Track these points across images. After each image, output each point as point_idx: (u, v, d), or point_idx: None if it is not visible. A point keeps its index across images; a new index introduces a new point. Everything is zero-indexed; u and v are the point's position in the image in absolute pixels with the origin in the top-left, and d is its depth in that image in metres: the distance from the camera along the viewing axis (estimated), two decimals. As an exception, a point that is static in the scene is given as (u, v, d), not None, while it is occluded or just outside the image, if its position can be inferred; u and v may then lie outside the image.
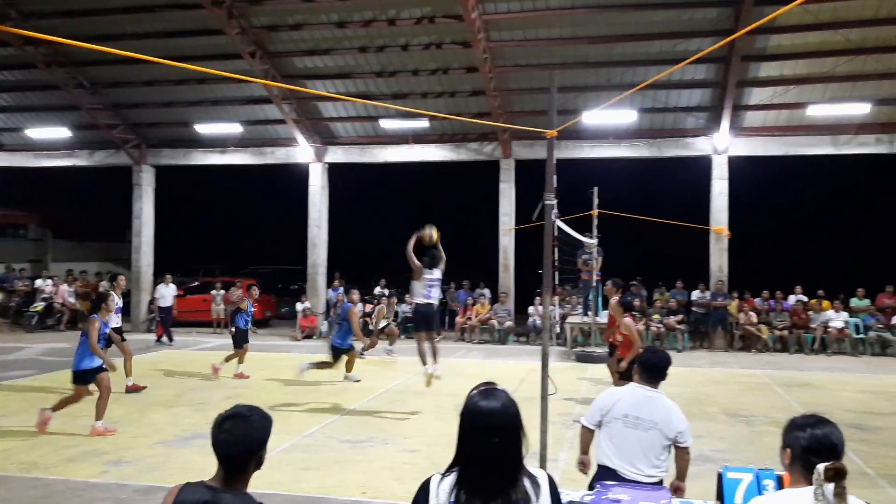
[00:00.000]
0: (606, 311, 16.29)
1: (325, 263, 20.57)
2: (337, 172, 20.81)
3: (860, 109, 16.50)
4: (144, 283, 20.59)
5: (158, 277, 19.46)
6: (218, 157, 20.82)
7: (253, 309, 13.31)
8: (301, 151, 20.03)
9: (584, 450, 4.33)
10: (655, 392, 4.15)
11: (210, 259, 30.28)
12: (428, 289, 9.16)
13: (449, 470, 2.20)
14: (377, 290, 20.39)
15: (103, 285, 20.89)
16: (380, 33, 16.66)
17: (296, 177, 21.01)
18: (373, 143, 19.95)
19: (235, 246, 35.03)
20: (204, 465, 2.40)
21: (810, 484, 2.22)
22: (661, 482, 3.91)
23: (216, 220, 35.89)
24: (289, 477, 6.53)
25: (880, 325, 16.70)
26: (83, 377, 8.28)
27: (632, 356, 8.36)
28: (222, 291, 20.23)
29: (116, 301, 11.29)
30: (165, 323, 17.64)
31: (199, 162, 21.11)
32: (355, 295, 12.37)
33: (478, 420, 2.16)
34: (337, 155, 20.23)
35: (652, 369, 4.19)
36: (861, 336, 16.69)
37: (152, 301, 19.26)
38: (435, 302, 9.33)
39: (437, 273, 9.22)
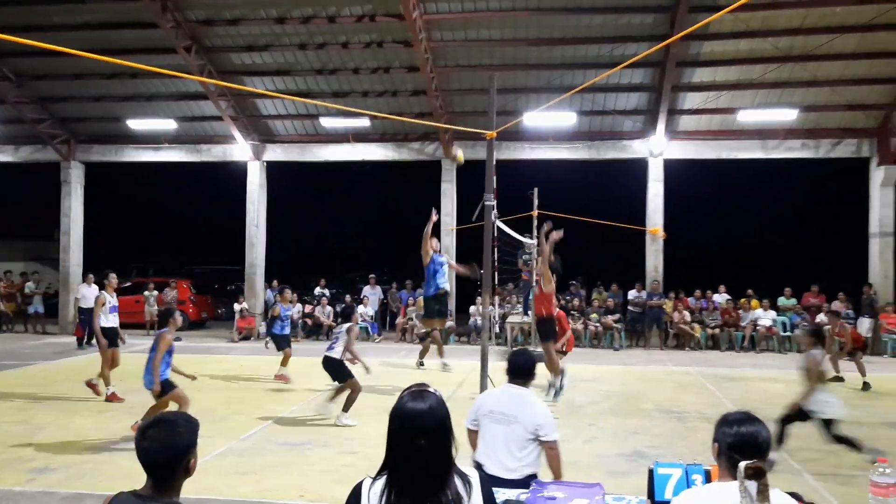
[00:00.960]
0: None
1: (264, 263, 20.23)
2: (277, 171, 20.49)
3: (788, 115, 17.15)
4: (73, 283, 19.84)
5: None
6: (152, 154, 20.24)
7: (288, 313, 12.91)
8: (238, 149, 19.64)
9: (475, 449, 4.40)
10: (522, 389, 4.32)
11: (144, 259, 29.42)
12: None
13: (380, 473, 2.19)
14: (317, 290, 20.20)
15: (29, 286, 20.13)
16: (319, 30, 16.47)
17: (233, 175, 20.60)
18: (313, 141, 19.72)
19: (170, 245, 34.14)
20: (136, 471, 2.36)
21: (734, 479, 2.28)
22: (528, 478, 4.00)
23: (150, 218, 34.91)
24: (225, 482, 6.38)
25: (805, 323, 17.37)
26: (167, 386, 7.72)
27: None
28: (155, 292, 19.69)
29: (110, 300, 10.81)
30: (86, 325, 16.92)
31: (132, 159, 20.47)
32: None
33: (405, 422, 2.16)
34: (276, 153, 19.92)
35: (518, 370, 4.37)
36: (788, 334, 17.34)
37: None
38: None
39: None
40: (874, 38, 15.41)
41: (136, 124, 19.25)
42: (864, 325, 16.47)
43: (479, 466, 4.07)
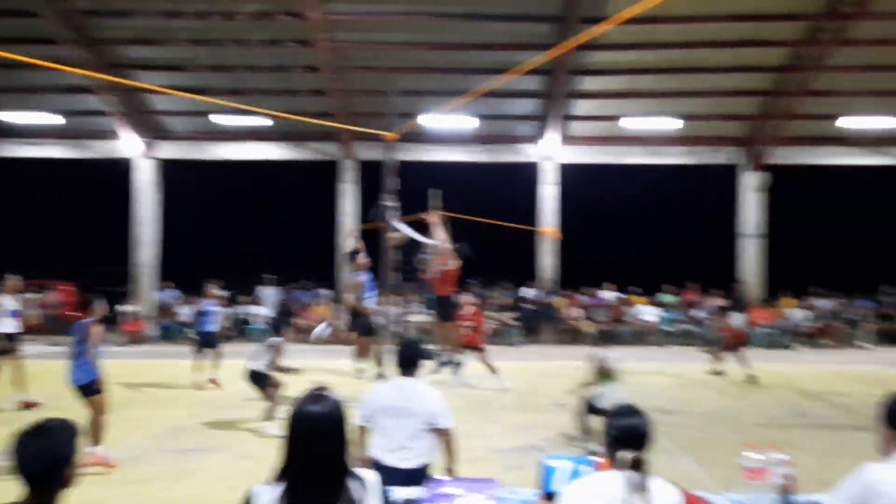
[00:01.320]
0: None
1: (155, 263, 19.51)
2: (175, 169, 19.78)
3: (671, 124, 18.22)
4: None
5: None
6: (32, 149, 19.10)
7: (214, 309, 12.27)
8: (127, 145, 18.84)
9: (364, 447, 4.39)
10: (412, 381, 4.37)
11: (20, 261, 27.57)
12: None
13: (275, 478, 2.16)
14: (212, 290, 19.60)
15: None
16: (215, 26, 16.07)
17: (123, 172, 19.73)
18: (208, 139, 19.20)
19: (52, 246, 32.11)
20: (14, 485, 2.25)
21: (617, 469, 2.47)
22: (426, 467, 4.10)
23: (30, 218, 32.70)
24: (116, 492, 6.19)
25: (685, 319, 18.53)
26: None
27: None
28: (39, 296, 18.63)
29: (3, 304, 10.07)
30: None
31: (8, 154, 19.25)
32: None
33: (302, 426, 2.14)
34: (169, 150, 19.25)
35: (406, 361, 4.43)
36: (669, 329, 18.43)
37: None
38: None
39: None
40: (745, 53, 16.63)
41: (12, 117, 18.11)
42: (738, 321, 17.70)
43: (375, 461, 4.09)
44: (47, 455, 2.16)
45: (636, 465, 2.41)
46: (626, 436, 2.54)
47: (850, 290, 19.56)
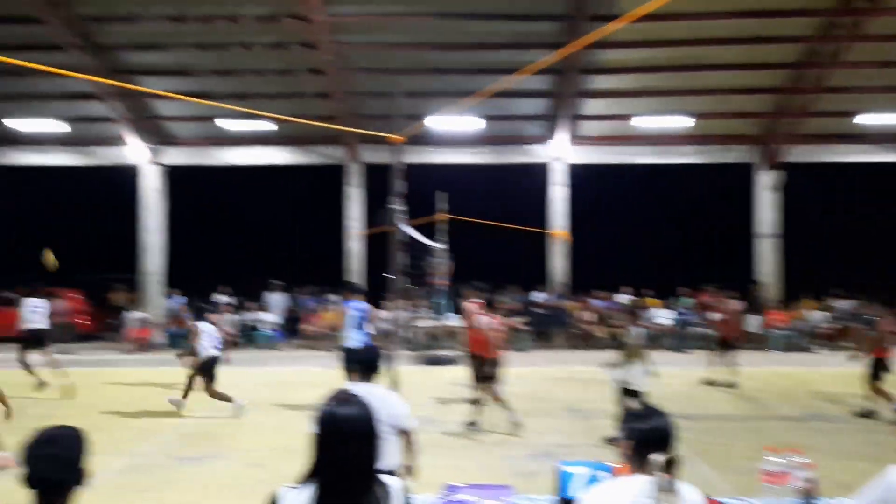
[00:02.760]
0: (456, 315, 16.68)
1: (162, 271, 19.41)
2: (178, 175, 19.72)
3: (682, 122, 17.97)
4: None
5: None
6: (37, 156, 19.07)
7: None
8: (133, 152, 18.77)
9: None
10: (373, 386, 4.36)
11: (30, 268, 27.62)
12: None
13: (301, 481, 2.14)
14: (219, 298, 19.49)
15: None
16: (220, 30, 15.98)
17: (128, 179, 19.68)
18: (214, 144, 19.12)
19: (59, 253, 32.21)
20: (19, 496, 2.16)
21: (643, 473, 2.33)
22: (392, 471, 4.00)
23: (37, 225, 32.81)
24: (121, 501, 6.02)
25: (701, 322, 18.21)
26: None
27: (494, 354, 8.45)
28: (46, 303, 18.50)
29: None
30: None
31: (14, 161, 19.25)
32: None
33: (335, 427, 2.13)
34: (175, 156, 19.18)
35: (367, 366, 4.43)
36: (685, 332, 18.13)
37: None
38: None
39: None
40: (758, 49, 16.38)
41: (18, 124, 18.09)
42: (753, 322, 17.42)
43: None
44: (58, 462, 2.20)
45: (668, 467, 2.27)
46: (653, 437, 2.43)
47: (869, 291, 19.20)
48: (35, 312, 11.61)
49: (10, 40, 15.85)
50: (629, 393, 7.83)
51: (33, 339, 11.50)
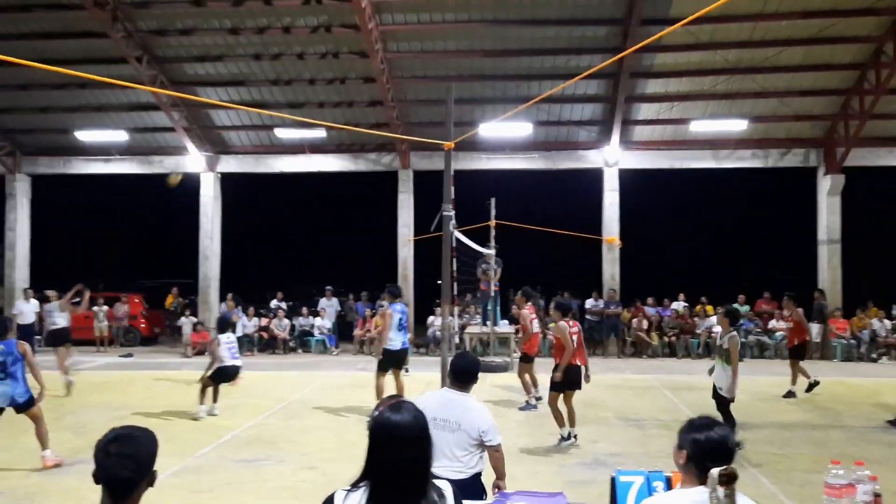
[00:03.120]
0: (506, 321, 16.62)
1: (218, 276, 19.86)
2: (231, 182, 20.18)
3: (738, 126, 17.55)
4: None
5: (37, 293, 18.10)
6: (101, 166, 19.76)
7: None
8: (192, 160, 19.29)
9: None
10: (462, 395, 4.24)
11: (94, 273, 28.60)
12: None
13: (355, 485, 2.18)
14: (273, 303, 19.87)
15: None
16: (274, 41, 16.32)
17: (186, 187, 20.21)
18: (268, 152, 19.50)
19: (121, 259, 33.30)
20: (84, 493, 2.26)
21: (701, 484, 2.28)
22: (475, 476, 4.03)
23: (100, 232, 34.01)
24: (180, 502, 6.18)
25: (758, 330, 17.74)
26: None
27: (565, 361, 8.30)
28: (105, 307, 19.14)
29: None
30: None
31: (81, 171, 19.99)
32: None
33: (389, 433, 2.17)
34: (230, 164, 19.63)
35: (460, 374, 4.29)
36: (742, 340, 17.66)
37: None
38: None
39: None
40: (819, 50, 15.90)
41: (84, 136, 18.80)
42: (814, 331, 16.87)
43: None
44: (136, 458, 2.24)
45: (730, 480, 2.21)
46: (714, 449, 2.37)
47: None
48: (51, 314, 13.30)
49: (77, 54, 16.47)
50: (718, 397, 7.93)
51: (57, 339, 12.78)
